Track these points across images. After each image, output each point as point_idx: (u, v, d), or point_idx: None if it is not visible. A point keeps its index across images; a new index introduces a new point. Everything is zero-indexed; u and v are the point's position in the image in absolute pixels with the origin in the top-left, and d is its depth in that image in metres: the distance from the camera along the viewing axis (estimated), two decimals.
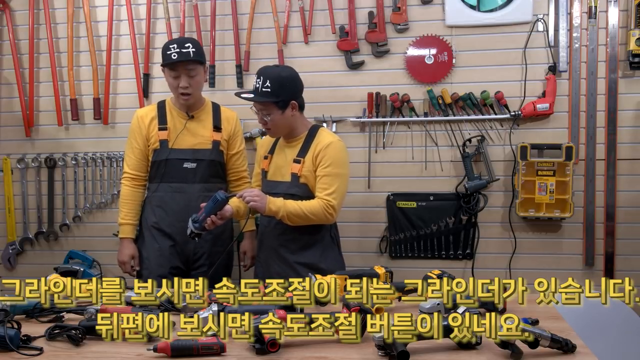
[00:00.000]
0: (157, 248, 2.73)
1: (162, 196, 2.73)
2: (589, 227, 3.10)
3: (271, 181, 2.53)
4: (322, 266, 2.38)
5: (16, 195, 3.47)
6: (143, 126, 2.72)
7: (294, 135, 2.49)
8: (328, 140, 2.42)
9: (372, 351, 1.67)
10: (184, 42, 2.63)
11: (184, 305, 1.98)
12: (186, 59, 2.59)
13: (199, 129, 2.74)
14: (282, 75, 2.38)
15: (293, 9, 3.20)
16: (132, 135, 2.76)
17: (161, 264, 2.72)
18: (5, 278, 3.47)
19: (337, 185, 2.39)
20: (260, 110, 2.41)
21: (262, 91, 2.36)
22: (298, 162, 2.43)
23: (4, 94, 3.46)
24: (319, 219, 2.40)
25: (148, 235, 2.76)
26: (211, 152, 2.74)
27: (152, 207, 2.75)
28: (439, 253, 3.22)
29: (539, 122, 3.10)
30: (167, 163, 2.70)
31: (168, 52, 2.61)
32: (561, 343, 1.64)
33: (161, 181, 2.72)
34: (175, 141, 2.70)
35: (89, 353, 1.72)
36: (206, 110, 2.78)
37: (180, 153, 2.70)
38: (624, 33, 2.99)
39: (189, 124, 2.72)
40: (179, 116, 2.73)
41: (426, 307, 1.89)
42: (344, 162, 2.44)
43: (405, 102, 3.11)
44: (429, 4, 3.12)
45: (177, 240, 2.72)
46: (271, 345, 1.63)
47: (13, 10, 3.39)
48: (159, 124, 2.71)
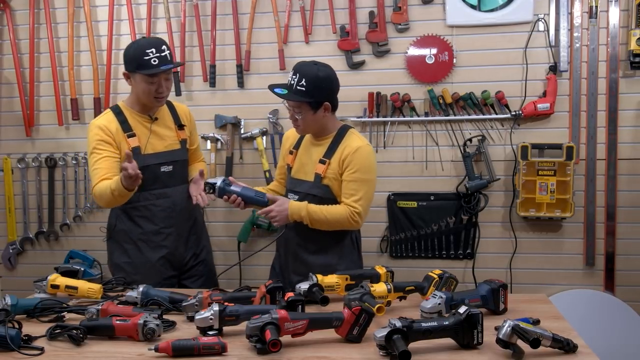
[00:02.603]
0: (145, 261, 2.58)
1: (146, 205, 2.56)
2: (590, 227, 3.10)
3: (294, 179, 2.48)
4: (340, 269, 2.29)
5: (16, 195, 3.47)
6: (110, 135, 2.47)
7: (322, 134, 2.42)
8: (357, 145, 2.34)
9: (374, 351, 1.67)
10: (159, 45, 2.44)
11: (185, 305, 1.98)
12: (170, 66, 2.44)
13: (165, 131, 2.60)
14: (319, 76, 2.29)
15: (294, 8, 3.20)
16: (100, 145, 2.46)
17: (152, 278, 2.48)
18: (6, 278, 3.48)
19: (364, 192, 2.33)
20: (292, 107, 2.35)
21: (296, 89, 2.28)
22: (323, 163, 2.37)
23: (5, 93, 3.46)
24: (343, 225, 2.35)
25: (133, 249, 2.59)
26: (182, 152, 2.64)
27: (134, 219, 2.58)
28: (440, 253, 3.21)
29: (540, 122, 3.09)
30: (145, 170, 2.44)
31: (145, 57, 2.40)
32: (562, 343, 1.64)
33: (141, 190, 2.48)
34: (146, 147, 2.53)
35: (90, 353, 1.71)
36: (163, 109, 2.63)
37: (155, 158, 2.55)
38: (625, 33, 2.99)
39: (153, 127, 2.56)
40: (141, 120, 2.55)
41: (427, 307, 1.89)
42: (371, 168, 2.38)
43: (405, 102, 3.11)
44: (429, 4, 3.11)
45: (168, 246, 2.60)
46: (272, 345, 1.62)
47: (13, 10, 3.39)
48: (124, 131, 2.50)
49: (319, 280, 2.12)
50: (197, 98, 3.31)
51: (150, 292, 2.10)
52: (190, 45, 3.28)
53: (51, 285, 2.19)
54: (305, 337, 1.75)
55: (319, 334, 1.77)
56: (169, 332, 1.86)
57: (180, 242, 2.65)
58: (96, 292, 2.19)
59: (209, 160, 3.24)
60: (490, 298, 1.99)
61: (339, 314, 1.77)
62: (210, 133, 3.28)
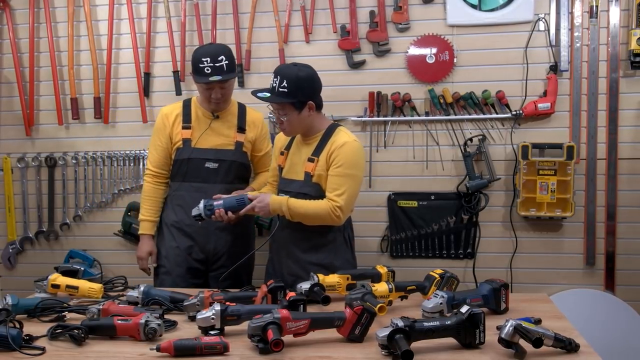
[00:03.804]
0: (175, 247, 2.71)
1: (184, 195, 2.70)
2: (590, 227, 3.11)
3: (285, 178, 2.50)
4: (332, 268, 2.31)
5: (16, 195, 3.46)
6: (167, 124, 2.70)
7: (310, 133, 2.43)
8: (343, 140, 2.35)
9: (376, 350, 1.67)
10: (217, 54, 2.54)
11: (186, 305, 1.98)
12: (222, 79, 2.55)
13: (223, 129, 2.71)
14: (300, 76, 2.32)
15: (294, 8, 3.19)
16: (156, 132, 2.74)
17: (179, 264, 2.70)
18: (6, 277, 3.47)
19: (347, 187, 2.33)
20: (276, 109, 2.37)
21: (278, 91, 2.31)
22: (312, 161, 2.39)
23: (4, 93, 3.45)
24: (324, 220, 2.35)
25: (167, 233, 2.74)
26: (234, 153, 2.72)
27: (173, 206, 2.73)
28: (440, 252, 3.21)
29: (540, 122, 3.09)
30: (189, 162, 2.68)
31: (200, 65, 2.53)
32: (565, 342, 1.64)
33: (183, 180, 2.70)
34: (199, 140, 2.68)
35: (92, 353, 1.71)
36: (231, 111, 2.75)
37: (203, 152, 2.68)
38: (625, 32, 2.99)
39: (213, 123, 2.70)
40: (203, 115, 2.71)
41: (429, 307, 1.89)
42: (357, 164, 2.38)
43: (406, 102, 3.11)
44: (430, 3, 3.11)
45: (197, 240, 2.70)
46: (275, 345, 1.62)
47: (13, 9, 3.38)
48: (183, 122, 2.69)
49: (320, 279, 2.13)
50: None
51: (151, 292, 2.11)
52: (190, 44, 3.27)
53: (52, 284, 2.20)
54: (307, 336, 1.74)
55: (321, 333, 1.77)
56: (170, 332, 1.86)
57: (209, 239, 2.69)
58: (97, 292, 2.19)
59: None
60: (491, 298, 1.99)
61: (341, 314, 1.76)
62: None
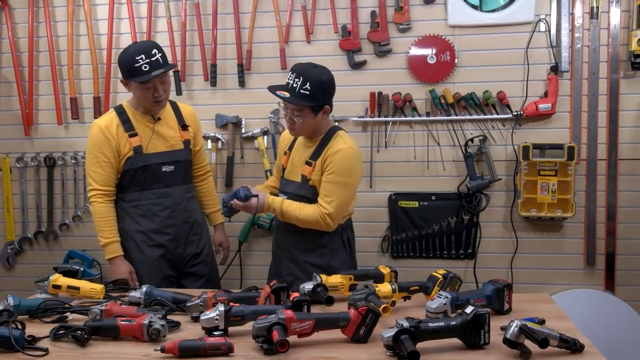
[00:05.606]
0: (145, 259, 2.59)
1: (147, 204, 2.58)
2: (590, 227, 3.11)
3: (285, 179, 2.51)
4: (331, 269, 2.30)
5: (15, 195, 3.44)
6: (110, 136, 2.50)
7: (314, 136, 2.41)
8: (338, 147, 2.33)
9: (381, 351, 1.67)
10: (149, 49, 2.42)
11: (189, 306, 1.97)
12: (164, 71, 2.44)
13: (168, 131, 2.61)
14: (323, 80, 2.28)
15: (295, 8, 3.19)
16: (97, 148, 2.51)
17: (152, 276, 2.54)
18: (4, 278, 3.46)
19: (338, 194, 2.32)
20: (292, 110, 2.31)
21: (300, 92, 2.25)
22: (309, 165, 2.38)
23: (3, 92, 3.43)
24: (314, 226, 2.35)
25: (133, 247, 2.60)
26: (185, 152, 2.65)
27: (134, 217, 2.59)
28: (441, 253, 3.21)
29: (541, 122, 3.10)
30: (145, 169, 2.54)
31: (136, 65, 2.39)
32: (569, 343, 1.64)
33: (142, 189, 2.57)
34: (148, 146, 2.55)
35: (95, 354, 1.70)
36: (167, 110, 2.64)
37: (157, 157, 2.57)
38: (626, 33, 3.00)
39: (156, 126, 2.58)
40: (144, 120, 2.57)
41: (433, 307, 1.89)
42: (349, 171, 2.34)
43: (407, 102, 3.11)
44: (431, 4, 3.11)
45: (167, 246, 2.62)
46: (280, 346, 1.61)
47: (12, 8, 3.36)
48: (126, 130, 2.52)
49: (323, 280, 2.12)
50: (198, 97, 3.29)
51: (154, 292, 2.09)
52: (191, 44, 3.27)
53: (53, 285, 2.19)
54: (311, 337, 1.74)
55: (325, 334, 1.77)
56: (173, 333, 1.85)
57: (179, 242, 2.65)
58: (98, 293, 2.18)
59: (210, 160, 3.23)
60: (495, 298, 1.99)
61: (346, 314, 1.76)
62: (211, 132, 3.26)
